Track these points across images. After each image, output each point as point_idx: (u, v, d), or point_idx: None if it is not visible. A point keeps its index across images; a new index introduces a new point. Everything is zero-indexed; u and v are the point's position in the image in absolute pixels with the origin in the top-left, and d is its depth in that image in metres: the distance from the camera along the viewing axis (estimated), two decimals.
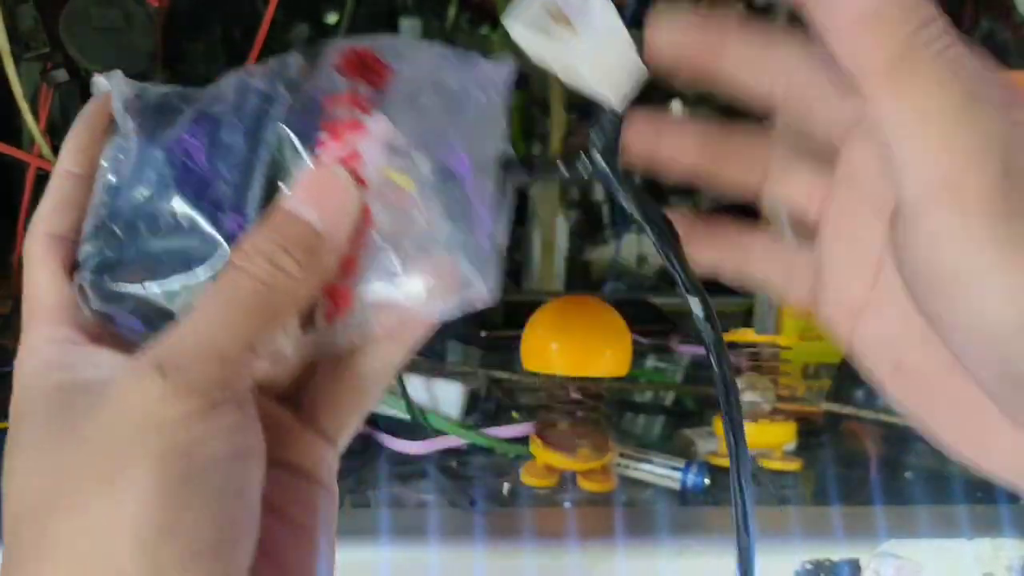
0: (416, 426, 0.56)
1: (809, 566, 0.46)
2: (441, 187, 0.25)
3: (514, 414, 0.61)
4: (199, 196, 0.25)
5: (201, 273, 0.25)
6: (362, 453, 0.56)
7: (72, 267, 0.27)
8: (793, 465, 0.55)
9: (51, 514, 0.22)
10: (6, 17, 0.58)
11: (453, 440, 0.56)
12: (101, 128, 0.27)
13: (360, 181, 0.24)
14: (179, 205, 0.25)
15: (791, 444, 0.56)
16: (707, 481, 0.52)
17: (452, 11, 0.96)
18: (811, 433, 0.59)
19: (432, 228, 0.24)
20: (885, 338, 0.26)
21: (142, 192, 0.25)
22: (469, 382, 0.60)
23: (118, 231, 0.26)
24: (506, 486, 0.52)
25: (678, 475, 0.52)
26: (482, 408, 0.61)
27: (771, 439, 0.55)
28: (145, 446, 0.21)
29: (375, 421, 0.58)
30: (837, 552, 0.46)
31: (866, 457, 0.58)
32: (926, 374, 0.26)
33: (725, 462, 0.33)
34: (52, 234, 0.26)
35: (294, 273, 0.23)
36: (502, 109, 0.26)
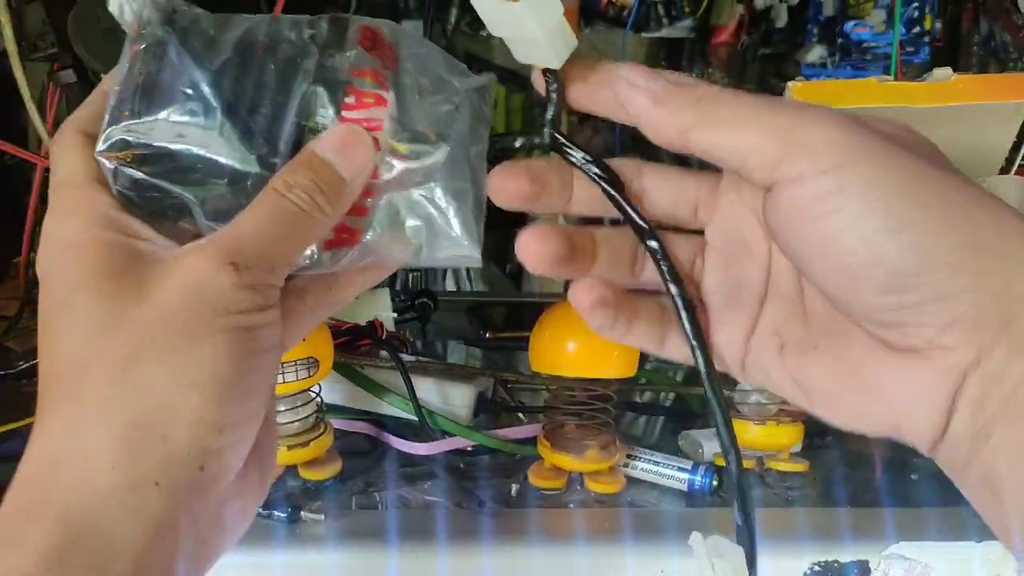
0: (424, 427, 0.56)
1: (818, 568, 0.46)
2: (440, 163, 0.29)
3: (521, 416, 0.61)
4: (236, 118, 0.28)
5: (227, 184, 0.28)
6: (369, 454, 0.56)
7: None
8: (800, 467, 0.54)
9: (127, 362, 0.25)
10: (14, 18, 0.58)
11: (461, 441, 0.56)
12: None
13: (375, 144, 0.29)
14: (219, 121, 0.28)
15: (798, 445, 0.56)
16: (714, 482, 0.52)
17: (453, 13, 0.96)
18: (818, 434, 0.58)
19: (429, 194, 0.29)
20: (769, 331, 0.30)
21: (180, 102, 0.28)
22: (477, 383, 0.60)
23: (152, 130, 0.28)
24: (514, 487, 0.52)
25: (685, 476, 0.52)
26: (489, 409, 0.61)
27: (778, 440, 0.54)
28: (220, 322, 0.25)
29: (382, 422, 0.58)
30: (845, 554, 0.46)
31: (873, 458, 0.58)
32: (807, 344, 0.30)
33: None
34: (82, 131, 0.29)
35: (326, 209, 0.28)
36: (489, 109, 0.31)
